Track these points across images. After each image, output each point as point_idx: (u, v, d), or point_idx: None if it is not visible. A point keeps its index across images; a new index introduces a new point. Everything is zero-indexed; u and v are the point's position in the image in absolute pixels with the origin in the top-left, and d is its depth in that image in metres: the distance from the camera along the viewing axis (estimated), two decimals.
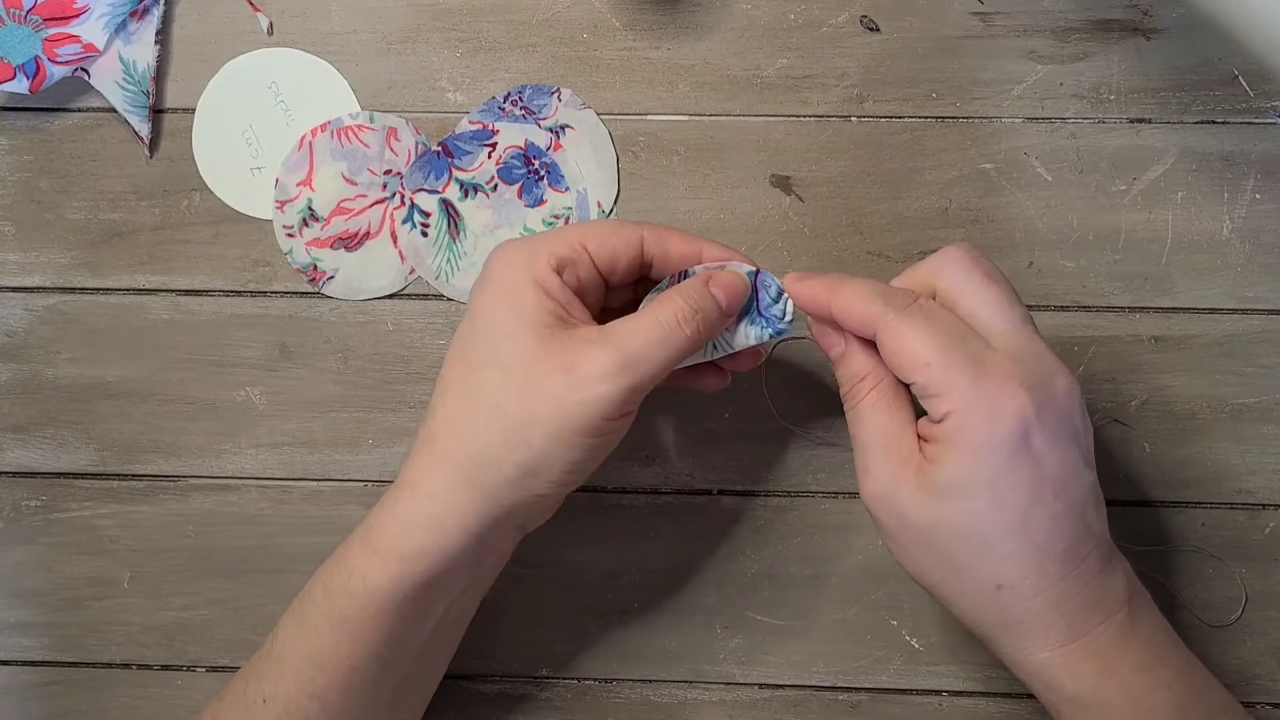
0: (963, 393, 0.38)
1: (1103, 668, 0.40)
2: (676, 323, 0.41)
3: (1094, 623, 0.40)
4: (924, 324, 0.40)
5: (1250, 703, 0.51)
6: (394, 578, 0.41)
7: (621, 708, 0.52)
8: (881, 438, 0.41)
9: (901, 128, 0.52)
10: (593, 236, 0.43)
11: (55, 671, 0.53)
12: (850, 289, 0.41)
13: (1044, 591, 0.39)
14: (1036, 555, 0.39)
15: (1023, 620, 0.40)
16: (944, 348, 0.39)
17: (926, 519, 0.40)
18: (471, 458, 0.41)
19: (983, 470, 0.38)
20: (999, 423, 0.38)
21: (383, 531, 0.42)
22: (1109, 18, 0.52)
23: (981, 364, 0.39)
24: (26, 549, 0.54)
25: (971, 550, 0.39)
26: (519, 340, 0.41)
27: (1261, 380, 0.51)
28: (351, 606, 0.42)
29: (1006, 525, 0.39)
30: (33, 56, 0.52)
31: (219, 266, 0.53)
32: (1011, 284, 0.41)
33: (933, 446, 0.40)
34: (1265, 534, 0.51)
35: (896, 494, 0.40)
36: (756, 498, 0.52)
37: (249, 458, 0.53)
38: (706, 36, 0.52)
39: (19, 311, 0.54)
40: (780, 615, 0.52)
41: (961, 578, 0.40)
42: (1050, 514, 0.39)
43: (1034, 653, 0.40)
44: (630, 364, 0.40)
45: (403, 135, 0.53)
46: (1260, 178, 0.51)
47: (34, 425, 0.54)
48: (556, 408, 0.40)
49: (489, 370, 0.41)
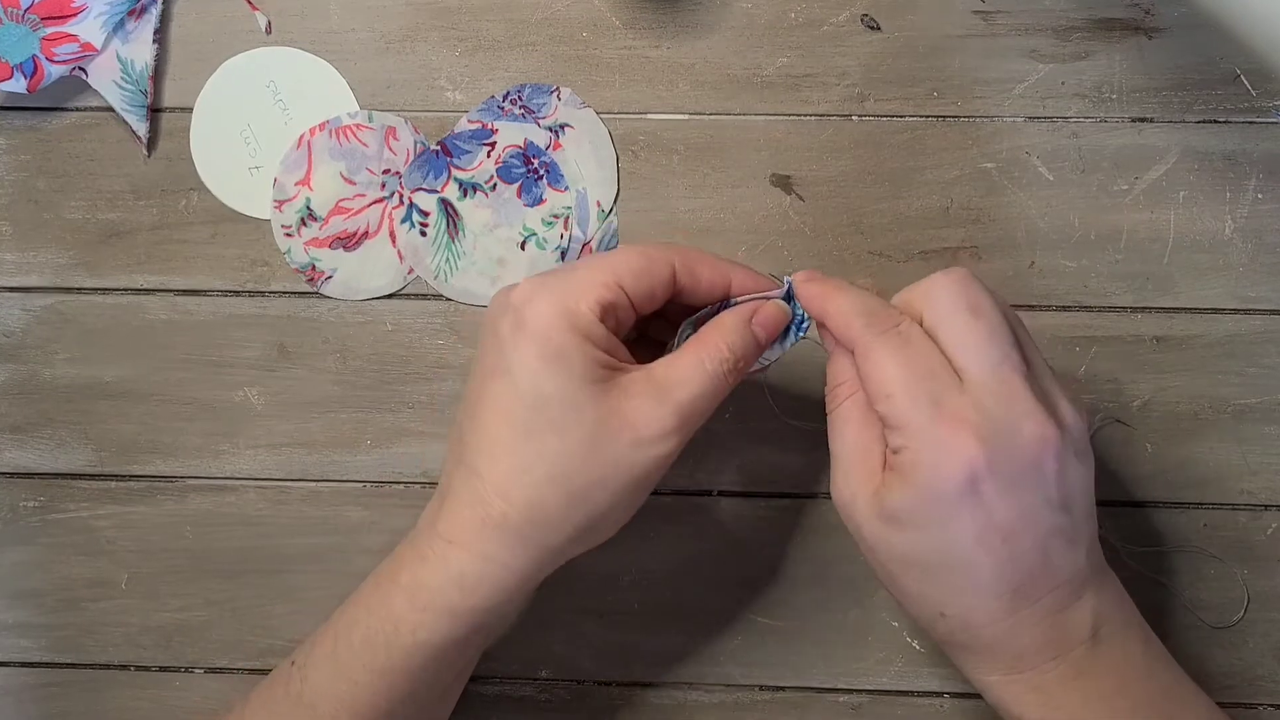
0: (916, 432, 0.38)
1: (1046, 700, 0.40)
2: (723, 374, 0.41)
3: (1042, 659, 0.40)
4: (896, 353, 0.39)
5: (1252, 704, 0.51)
6: (446, 635, 0.41)
7: (621, 709, 0.52)
8: (849, 449, 0.41)
9: (902, 127, 0.52)
10: (627, 275, 0.41)
11: (53, 673, 0.53)
12: (841, 301, 0.41)
13: (987, 627, 0.40)
14: (979, 594, 0.39)
15: (969, 645, 0.41)
16: (907, 382, 0.39)
17: (876, 540, 0.40)
18: (533, 522, 0.40)
19: (926, 509, 0.39)
20: (945, 469, 0.38)
21: (437, 590, 0.41)
22: (1111, 16, 0.51)
23: (941, 406, 0.38)
24: (24, 550, 0.53)
25: (914, 577, 0.40)
26: (571, 403, 0.39)
27: (1263, 380, 0.51)
28: (396, 659, 0.41)
29: (949, 563, 0.39)
30: (30, 56, 0.52)
31: (217, 266, 0.53)
32: (1003, 314, 0.40)
33: (890, 473, 0.40)
34: (1267, 535, 0.51)
35: (854, 508, 0.41)
36: (757, 498, 0.52)
37: (247, 458, 0.53)
38: (707, 35, 0.52)
39: (16, 311, 0.53)
40: (781, 616, 0.52)
41: (907, 598, 0.41)
42: (996, 559, 0.39)
43: (979, 675, 0.41)
44: (685, 421, 0.40)
45: (401, 134, 0.52)
46: (1262, 177, 0.51)
47: (31, 426, 0.53)
48: (618, 470, 0.40)
49: (545, 436, 0.39)
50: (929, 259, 0.51)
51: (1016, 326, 0.41)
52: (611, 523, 0.41)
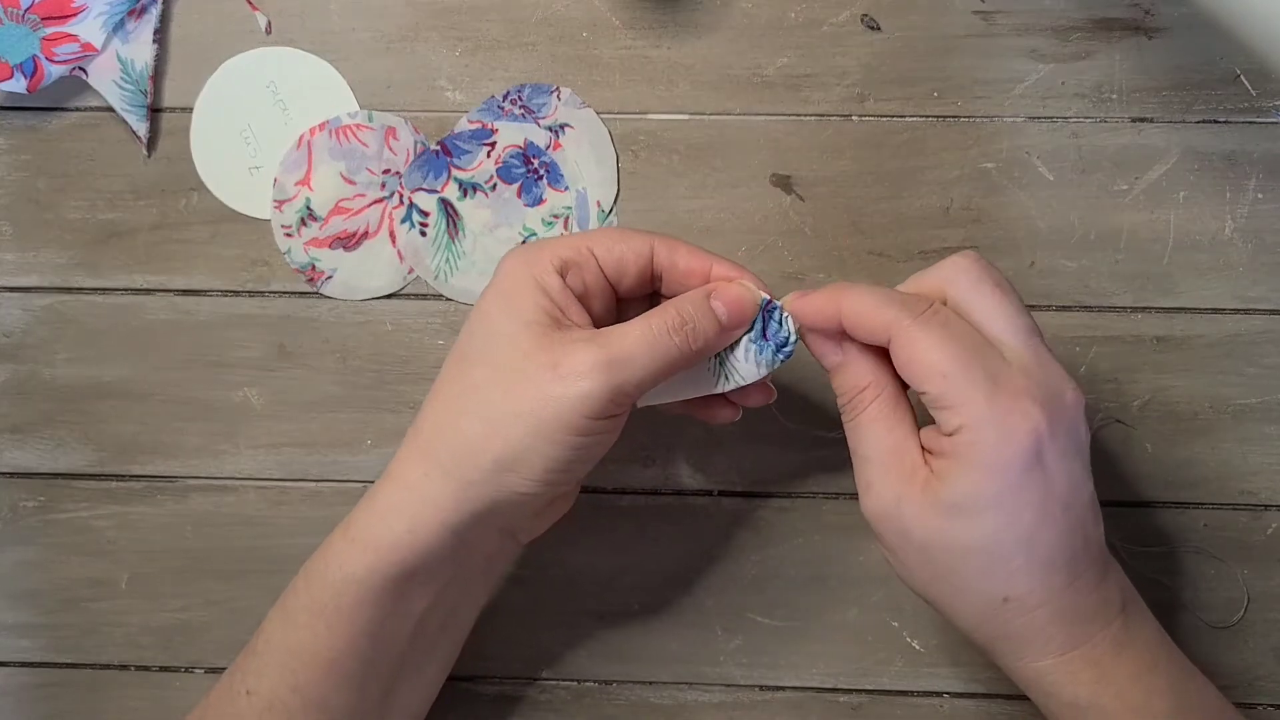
0: (978, 408, 0.38)
1: (1100, 676, 0.40)
2: (666, 330, 0.41)
3: (1092, 632, 0.40)
4: (941, 333, 0.39)
5: (1252, 704, 0.51)
6: (369, 566, 0.41)
7: (621, 710, 0.52)
8: (883, 452, 0.41)
9: (903, 127, 0.52)
10: (600, 242, 0.43)
11: (53, 673, 0.53)
12: (859, 295, 0.40)
13: (1047, 604, 0.39)
14: (1042, 569, 0.39)
15: (1024, 632, 0.40)
16: (961, 359, 0.38)
17: (932, 536, 0.39)
18: (451, 450, 0.41)
19: (993, 487, 0.38)
20: (1013, 441, 0.38)
21: (361, 521, 0.42)
22: (1111, 16, 0.51)
23: (997, 379, 0.38)
24: (24, 550, 0.53)
25: (977, 566, 0.39)
26: (511, 338, 0.41)
27: (1264, 380, 0.51)
28: (328, 596, 0.42)
29: (1014, 541, 0.39)
30: (30, 56, 0.52)
31: (217, 266, 0.53)
32: (1017, 291, 0.41)
33: (941, 461, 0.39)
34: (1268, 535, 0.51)
35: (901, 511, 0.40)
36: (757, 499, 0.52)
37: (247, 458, 0.53)
38: (707, 35, 0.52)
39: (16, 311, 0.53)
40: (780, 617, 0.52)
41: (966, 592, 0.40)
42: (1056, 529, 0.39)
43: (1033, 661, 0.41)
44: (614, 364, 0.40)
45: (401, 134, 0.52)
46: (1262, 177, 0.51)
47: (31, 426, 0.53)
48: (538, 402, 0.40)
49: (480, 368, 0.41)
50: (929, 259, 0.51)
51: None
52: (535, 466, 0.40)
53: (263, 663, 0.43)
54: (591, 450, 0.41)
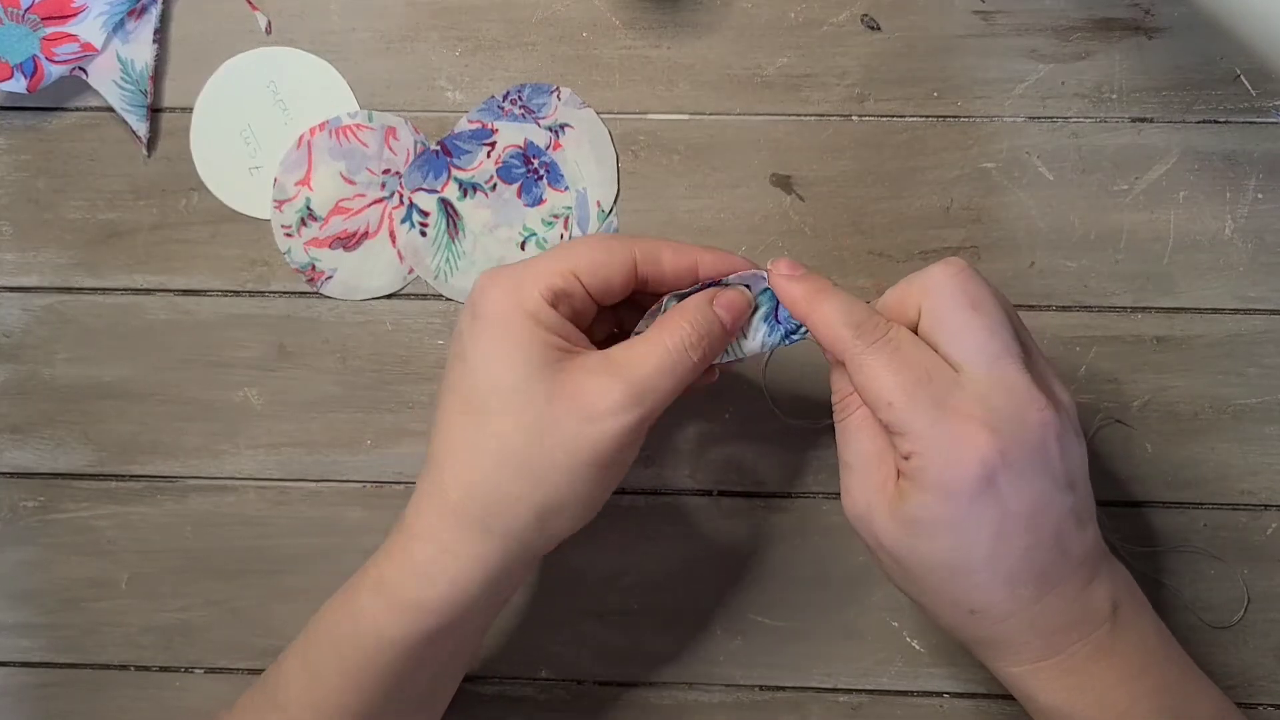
0: (922, 435, 0.38)
1: (1078, 683, 0.40)
2: (684, 349, 0.40)
3: (1070, 641, 0.40)
4: (889, 360, 0.39)
5: (1252, 704, 0.51)
6: (406, 628, 0.40)
7: (621, 710, 0.52)
8: (861, 460, 0.41)
9: (903, 127, 0.52)
10: (584, 265, 0.41)
11: (53, 673, 0.53)
12: (827, 308, 0.40)
13: (1016, 615, 0.40)
14: (1006, 585, 0.39)
15: (996, 640, 0.41)
16: (906, 387, 0.38)
17: (897, 547, 0.40)
18: (488, 507, 0.40)
19: (944, 511, 0.38)
20: (959, 467, 0.38)
21: (398, 584, 0.41)
22: (1111, 16, 0.51)
23: (944, 406, 0.38)
24: (24, 550, 0.53)
25: (941, 579, 0.40)
26: (523, 383, 0.39)
27: (1264, 381, 0.51)
28: (360, 657, 0.41)
29: (972, 561, 0.39)
30: (30, 56, 0.52)
31: (217, 266, 0.53)
32: (1000, 304, 0.40)
33: (903, 480, 0.40)
34: (1267, 535, 0.51)
35: (871, 519, 0.40)
36: (757, 499, 0.52)
37: (247, 459, 0.53)
38: (707, 35, 0.52)
39: (16, 311, 0.53)
40: (781, 617, 0.52)
41: (935, 600, 0.41)
42: (1018, 547, 0.39)
43: (1008, 665, 0.41)
44: (640, 396, 0.39)
45: (401, 134, 0.52)
46: (1262, 177, 0.51)
47: (31, 426, 0.53)
48: (574, 447, 0.39)
49: (497, 418, 0.40)
50: (929, 259, 0.51)
51: (1010, 313, 0.41)
52: (575, 506, 0.40)
53: (286, 717, 0.42)
54: (619, 474, 0.42)
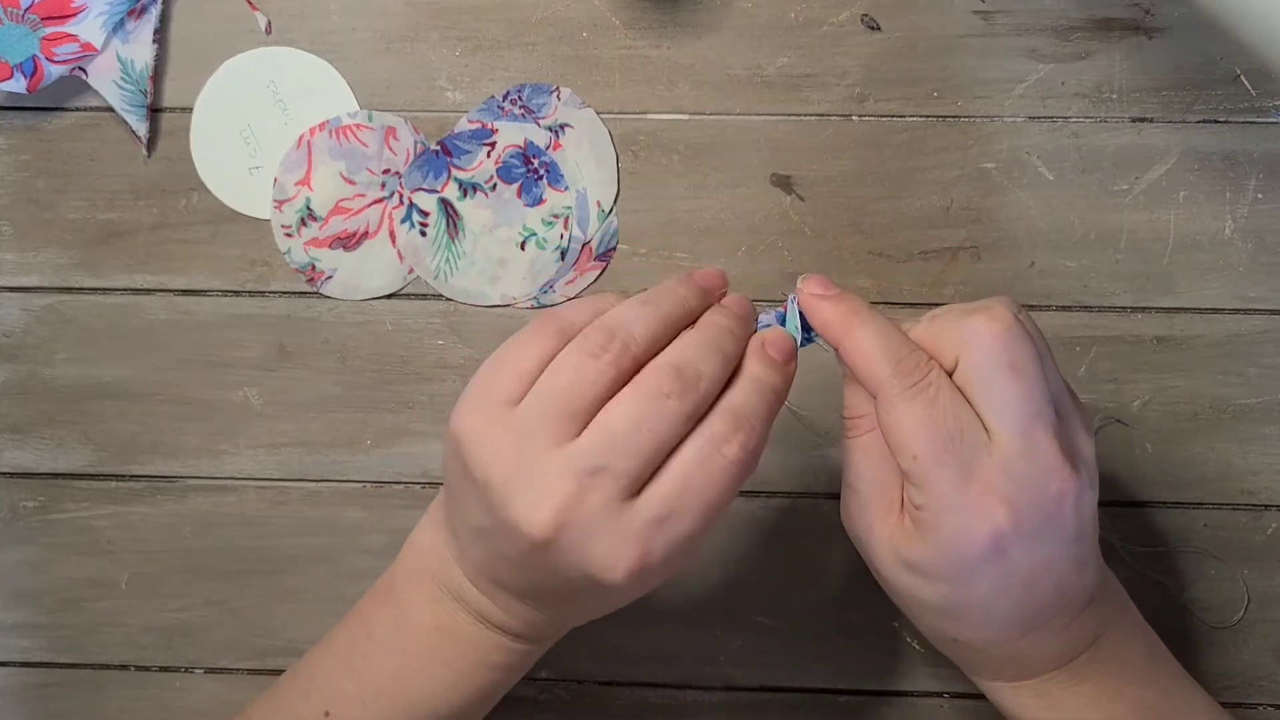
0: (941, 497, 0.37)
1: (1050, 704, 0.41)
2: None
3: (1047, 669, 0.41)
4: (924, 412, 0.37)
5: (1252, 704, 0.51)
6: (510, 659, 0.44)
7: (621, 709, 0.52)
8: (866, 484, 0.40)
9: (903, 127, 0.52)
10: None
11: (53, 673, 0.53)
12: (863, 337, 0.39)
13: (1000, 647, 0.40)
14: (994, 628, 0.39)
15: (974, 660, 0.42)
16: (935, 445, 0.37)
17: (890, 577, 0.40)
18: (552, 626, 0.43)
19: (946, 568, 0.38)
20: (971, 535, 0.37)
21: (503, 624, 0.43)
22: (1111, 16, 0.51)
23: (969, 472, 0.37)
24: (24, 550, 0.53)
25: (929, 612, 0.40)
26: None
27: (1264, 381, 0.51)
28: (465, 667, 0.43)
29: (965, 608, 0.39)
30: (30, 56, 0.52)
31: (217, 266, 0.53)
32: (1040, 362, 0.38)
33: (908, 523, 0.39)
34: (1268, 535, 0.51)
35: (870, 543, 0.40)
36: (758, 499, 0.52)
37: (247, 459, 0.53)
38: (707, 35, 0.52)
39: (16, 311, 0.53)
40: (781, 617, 0.52)
41: (920, 625, 0.42)
42: (1014, 599, 0.38)
43: (983, 680, 0.43)
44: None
45: (401, 134, 0.52)
46: (1262, 177, 0.51)
47: (31, 426, 0.53)
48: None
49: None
50: (929, 259, 0.51)
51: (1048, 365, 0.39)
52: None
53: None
54: None
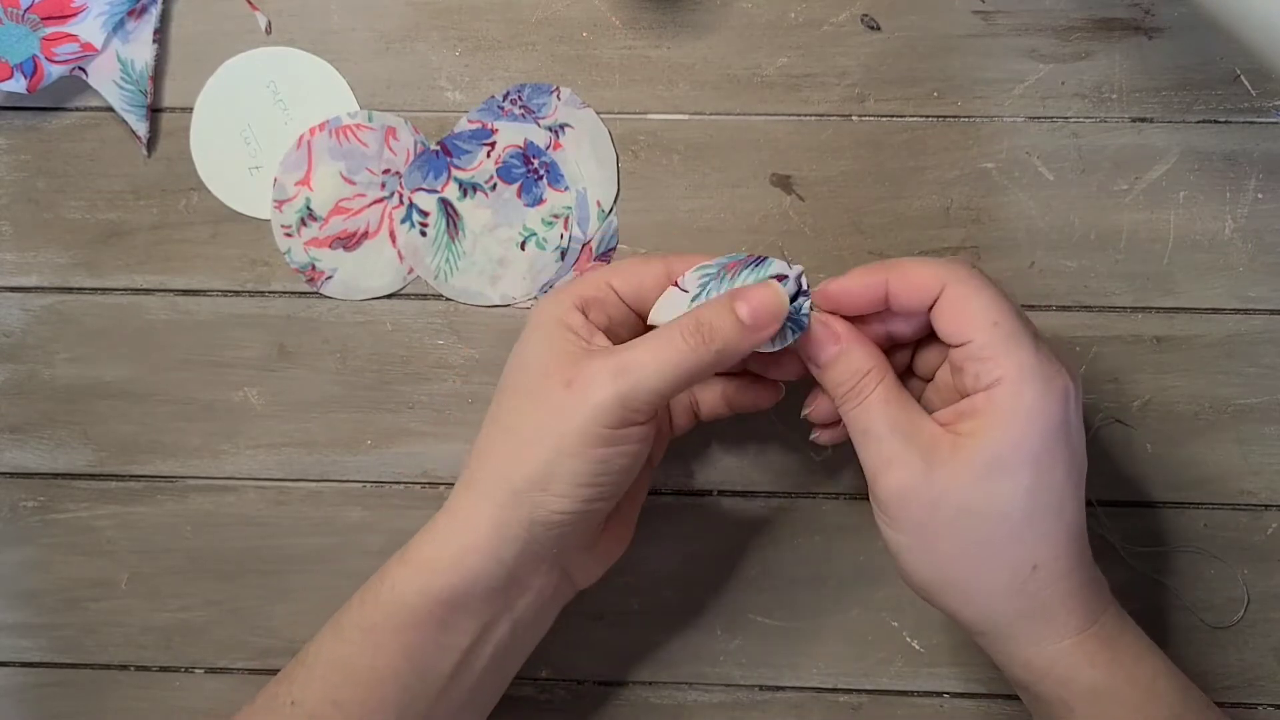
0: (1024, 359, 0.39)
1: (1114, 656, 0.41)
2: (679, 334, 0.41)
3: (1102, 607, 0.41)
4: (990, 286, 0.41)
5: (1252, 704, 0.51)
6: (419, 589, 0.42)
7: (621, 710, 0.52)
8: (902, 426, 0.40)
9: (903, 127, 0.52)
10: (618, 274, 0.45)
11: (53, 673, 0.53)
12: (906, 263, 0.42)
13: (1072, 574, 0.40)
14: (1068, 535, 0.40)
15: (1049, 605, 0.40)
16: (1011, 311, 0.40)
17: (968, 499, 0.39)
18: (489, 475, 0.43)
19: (1030, 443, 0.39)
20: (1052, 397, 0.39)
21: (416, 546, 0.44)
22: (1111, 16, 0.51)
23: (1038, 337, 0.40)
24: (24, 550, 0.53)
25: (1010, 530, 0.39)
26: (538, 369, 0.43)
27: (1264, 381, 0.51)
28: (379, 614, 0.43)
29: (1046, 503, 0.39)
30: (30, 56, 0.52)
31: (217, 266, 0.53)
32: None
33: (971, 421, 0.40)
34: (1268, 535, 0.51)
35: (931, 479, 0.39)
36: (757, 498, 0.52)
37: (247, 458, 0.53)
38: (707, 35, 0.52)
39: (16, 311, 0.53)
40: (780, 617, 0.52)
41: (993, 564, 0.40)
42: (1077, 495, 0.40)
43: (1052, 643, 0.40)
44: (624, 371, 0.41)
45: (401, 134, 0.52)
46: (1263, 177, 0.51)
47: (31, 426, 0.53)
48: (556, 417, 0.41)
49: (511, 396, 0.43)
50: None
51: None
52: (560, 483, 0.41)
53: (309, 674, 0.43)
54: (617, 463, 0.42)
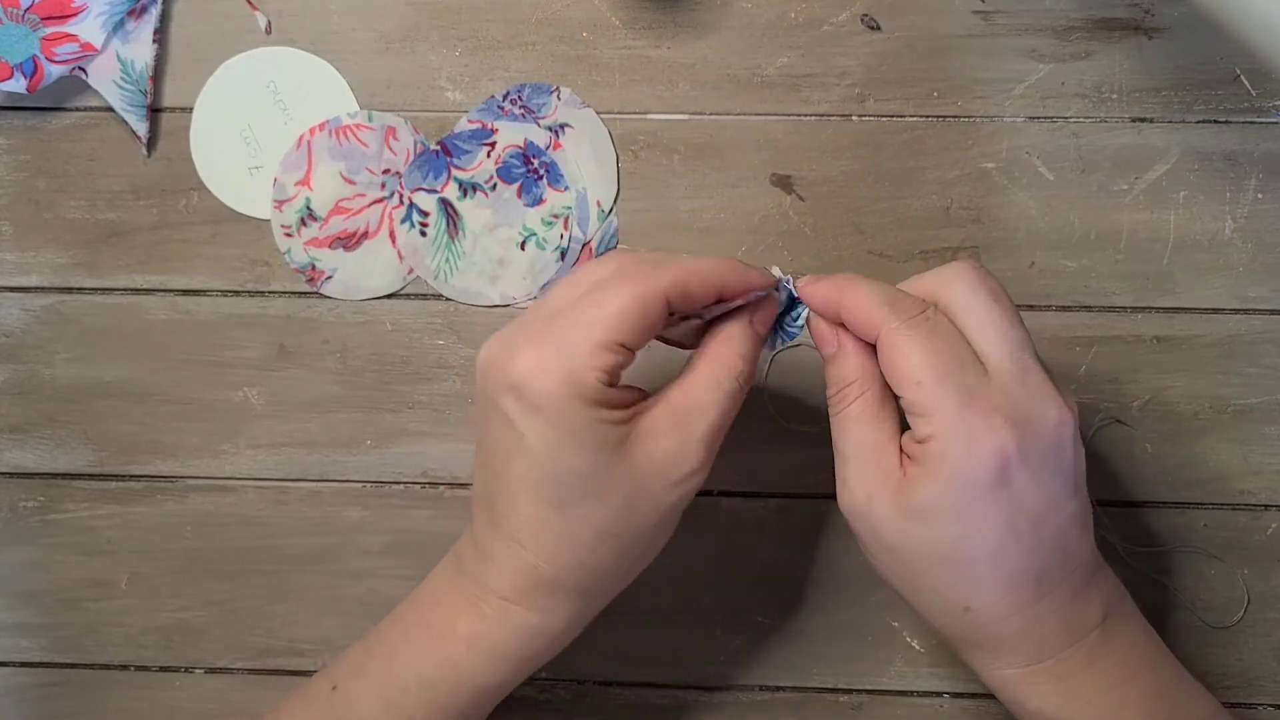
0: (947, 420, 0.38)
1: (1067, 689, 0.40)
2: (739, 387, 0.41)
3: (1061, 646, 0.40)
4: (925, 340, 0.39)
5: (1252, 704, 0.51)
6: (505, 678, 0.44)
7: (621, 709, 0.52)
8: (862, 450, 0.41)
9: (902, 127, 0.52)
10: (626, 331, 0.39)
11: (53, 673, 0.53)
12: (860, 290, 0.40)
13: (1012, 617, 0.39)
14: (1006, 584, 0.39)
15: (988, 641, 0.40)
16: (938, 369, 0.38)
17: (898, 538, 0.39)
18: (586, 582, 0.42)
19: (956, 500, 0.38)
20: (977, 457, 0.38)
21: (500, 642, 0.43)
22: (1111, 16, 0.51)
23: (972, 393, 0.38)
24: (24, 550, 0.53)
25: (940, 573, 0.39)
26: (604, 469, 0.39)
27: (1264, 381, 0.51)
28: (454, 699, 0.43)
29: (976, 555, 0.39)
30: (30, 56, 0.52)
31: (217, 266, 0.53)
32: (1013, 304, 0.41)
33: (913, 466, 0.39)
34: (1267, 535, 0.51)
35: (871, 510, 0.40)
36: (757, 499, 0.52)
37: (247, 458, 0.53)
38: (707, 35, 0.52)
39: (16, 311, 0.53)
40: (780, 617, 0.52)
41: (931, 596, 0.40)
42: (1024, 546, 0.39)
43: (998, 670, 0.41)
44: (713, 445, 0.41)
45: (401, 134, 0.52)
46: (1262, 177, 0.51)
47: (31, 426, 0.53)
48: (661, 512, 0.41)
49: (585, 505, 0.40)
50: (929, 259, 0.51)
51: None
52: (655, 555, 0.43)
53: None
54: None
